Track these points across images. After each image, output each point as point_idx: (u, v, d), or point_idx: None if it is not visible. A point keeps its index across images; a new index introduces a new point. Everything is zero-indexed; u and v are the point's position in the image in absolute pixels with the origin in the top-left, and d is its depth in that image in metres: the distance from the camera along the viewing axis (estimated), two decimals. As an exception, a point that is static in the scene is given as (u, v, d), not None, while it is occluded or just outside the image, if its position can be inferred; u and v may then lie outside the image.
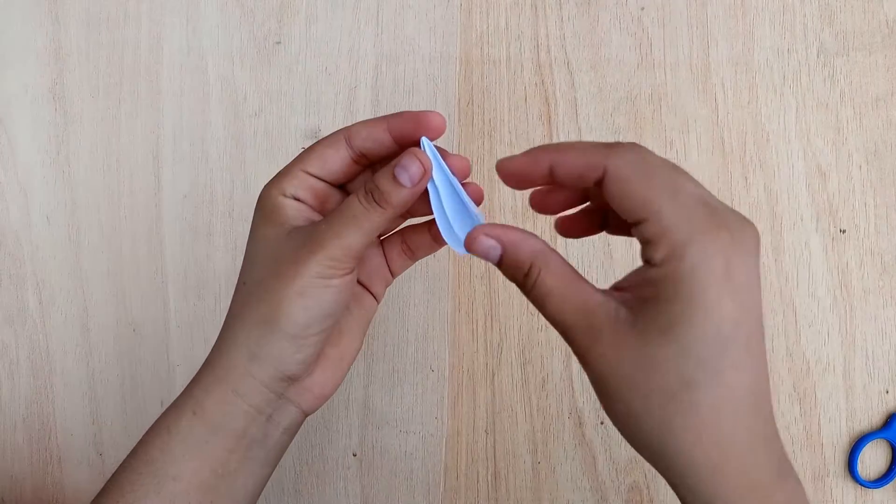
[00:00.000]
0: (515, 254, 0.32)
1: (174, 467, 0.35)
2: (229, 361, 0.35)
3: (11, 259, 0.58)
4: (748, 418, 0.29)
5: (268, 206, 0.36)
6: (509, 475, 0.55)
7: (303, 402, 0.37)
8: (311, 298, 0.34)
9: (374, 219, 0.34)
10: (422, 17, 0.57)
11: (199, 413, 0.35)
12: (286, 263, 0.34)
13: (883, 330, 0.54)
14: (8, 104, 0.58)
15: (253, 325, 0.35)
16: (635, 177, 0.29)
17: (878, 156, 0.55)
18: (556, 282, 0.31)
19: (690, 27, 0.56)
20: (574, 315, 0.31)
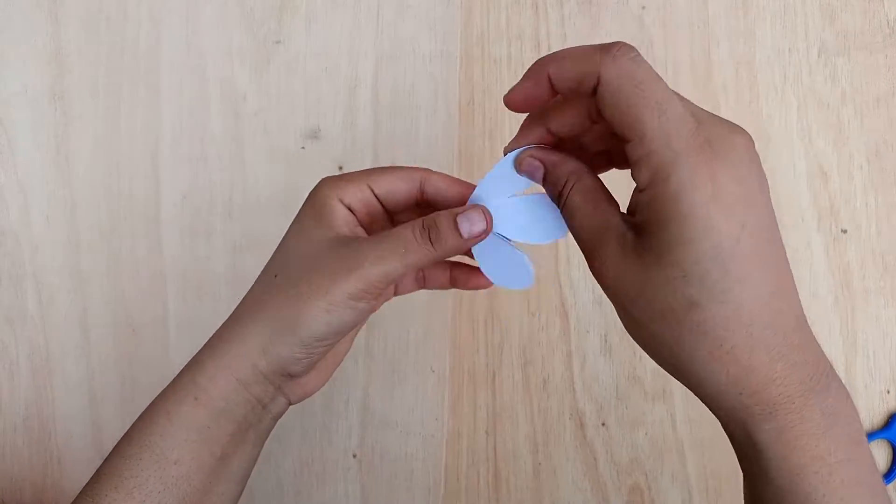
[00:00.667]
0: (554, 171, 0.33)
1: (175, 452, 0.35)
2: (239, 351, 0.35)
3: (11, 259, 0.58)
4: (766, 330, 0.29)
5: (320, 204, 0.36)
6: (510, 476, 0.55)
7: (292, 395, 0.38)
8: (335, 316, 0.34)
9: (420, 255, 0.34)
10: (422, 17, 0.57)
11: (203, 399, 0.35)
12: (322, 274, 0.34)
13: (884, 330, 0.54)
14: (8, 104, 0.58)
15: (271, 323, 0.35)
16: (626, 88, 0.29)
17: (880, 156, 0.55)
18: (582, 200, 0.32)
19: (691, 26, 0.56)
20: (590, 233, 0.32)
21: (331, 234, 0.35)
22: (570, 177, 0.33)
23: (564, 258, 0.55)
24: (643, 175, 0.29)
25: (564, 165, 0.33)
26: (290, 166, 0.57)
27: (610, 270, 0.31)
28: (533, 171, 0.34)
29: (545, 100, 0.33)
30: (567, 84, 0.31)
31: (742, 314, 0.29)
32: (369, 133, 0.57)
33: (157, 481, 0.35)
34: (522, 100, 0.33)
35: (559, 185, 0.33)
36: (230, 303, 0.57)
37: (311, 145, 0.57)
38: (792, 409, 0.29)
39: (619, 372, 0.55)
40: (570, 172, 0.33)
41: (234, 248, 0.57)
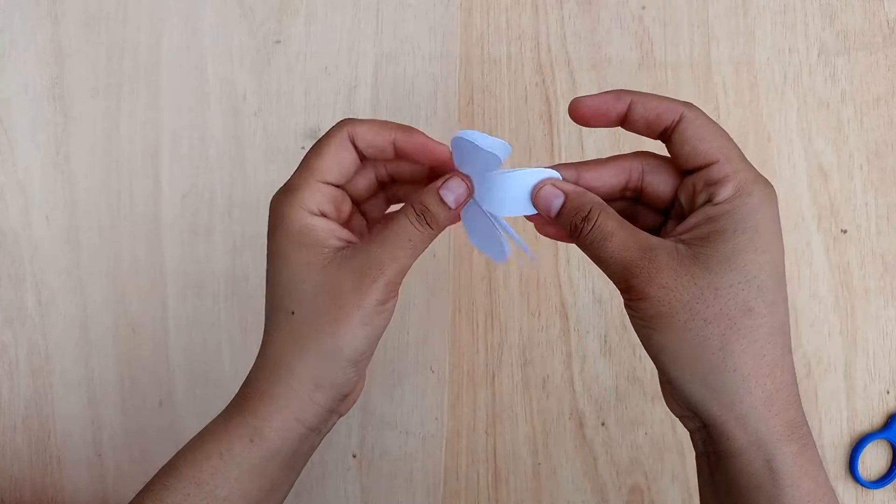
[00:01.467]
0: (578, 199, 0.34)
1: (224, 489, 0.35)
2: (291, 390, 0.35)
3: (11, 259, 0.58)
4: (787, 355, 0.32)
5: (296, 228, 0.35)
6: (510, 476, 0.55)
7: (343, 410, 0.38)
8: (371, 326, 0.35)
9: (425, 239, 0.35)
10: (422, 17, 0.57)
11: (258, 441, 0.35)
12: (346, 293, 0.34)
13: (884, 330, 0.54)
14: (8, 104, 0.58)
15: (315, 357, 0.35)
16: (709, 126, 0.33)
17: (880, 156, 0.55)
18: (617, 223, 0.34)
19: (691, 26, 0.56)
20: (636, 252, 0.33)
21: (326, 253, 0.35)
22: (594, 205, 0.34)
23: (564, 258, 0.55)
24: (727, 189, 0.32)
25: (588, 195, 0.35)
26: (290, 166, 0.56)
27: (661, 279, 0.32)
28: (551, 200, 0.35)
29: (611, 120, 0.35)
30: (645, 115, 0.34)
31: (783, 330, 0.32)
32: (369, 133, 0.57)
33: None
34: (592, 110, 0.35)
35: (583, 212, 0.34)
36: (230, 303, 0.57)
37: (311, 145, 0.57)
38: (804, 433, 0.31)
39: (618, 372, 0.55)
40: (595, 202, 0.34)
41: (234, 248, 0.57)
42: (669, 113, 0.34)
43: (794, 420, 0.31)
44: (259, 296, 0.37)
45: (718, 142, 0.33)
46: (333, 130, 0.36)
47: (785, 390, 0.31)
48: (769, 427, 0.30)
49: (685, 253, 0.32)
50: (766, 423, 0.30)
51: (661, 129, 0.34)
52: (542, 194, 0.35)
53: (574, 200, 0.34)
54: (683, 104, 0.34)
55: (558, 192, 0.34)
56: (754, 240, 0.31)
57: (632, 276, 0.32)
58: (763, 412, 0.31)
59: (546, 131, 0.56)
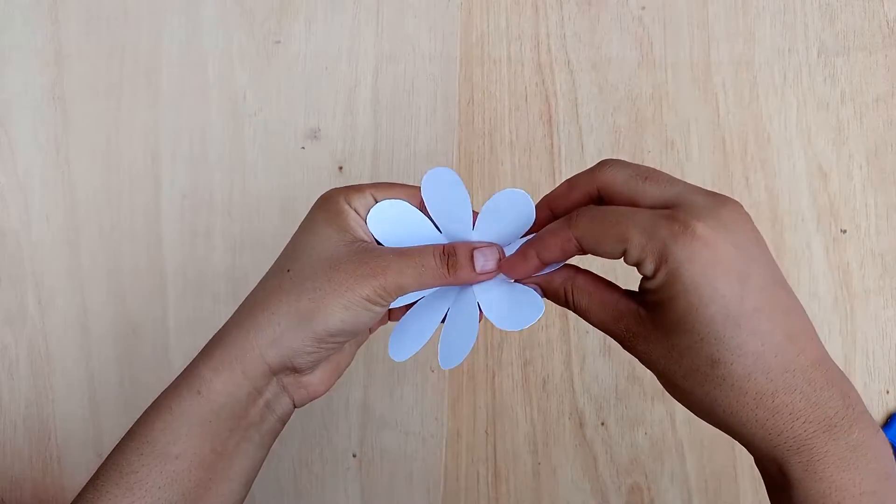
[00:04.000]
0: (550, 288, 0.36)
1: (177, 446, 0.35)
2: (248, 342, 0.36)
3: (11, 259, 0.58)
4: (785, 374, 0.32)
5: (334, 209, 0.37)
6: (510, 476, 0.55)
7: (296, 395, 0.39)
8: (351, 314, 0.35)
9: (435, 278, 0.36)
10: (422, 17, 0.57)
11: (206, 392, 0.36)
12: (344, 273, 0.35)
13: (883, 330, 0.54)
14: (8, 104, 0.58)
15: (287, 315, 0.36)
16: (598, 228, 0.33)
17: (879, 156, 0.55)
18: (587, 300, 0.35)
19: (691, 27, 0.56)
20: (611, 323, 0.35)
21: (348, 236, 0.37)
22: (564, 285, 0.36)
23: (564, 258, 0.55)
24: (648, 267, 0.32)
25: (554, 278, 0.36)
26: (290, 166, 0.57)
27: (639, 345, 0.34)
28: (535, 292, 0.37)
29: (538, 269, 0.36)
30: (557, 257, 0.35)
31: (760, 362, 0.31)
32: (369, 133, 0.57)
33: (157, 476, 0.35)
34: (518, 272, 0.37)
35: (561, 296, 0.36)
36: (230, 303, 0.57)
37: (311, 145, 0.57)
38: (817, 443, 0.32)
39: (618, 372, 0.55)
40: (563, 281, 0.36)
41: (234, 248, 0.57)
42: (568, 247, 0.34)
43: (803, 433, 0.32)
44: (259, 296, 0.37)
45: (614, 233, 0.32)
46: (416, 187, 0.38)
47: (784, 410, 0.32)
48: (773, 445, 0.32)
49: (646, 318, 0.33)
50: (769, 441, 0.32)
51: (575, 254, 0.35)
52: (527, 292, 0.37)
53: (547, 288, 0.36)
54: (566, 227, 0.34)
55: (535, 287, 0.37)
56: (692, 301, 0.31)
57: (619, 341, 0.35)
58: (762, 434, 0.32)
59: (546, 131, 0.56)
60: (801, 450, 0.32)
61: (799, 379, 0.32)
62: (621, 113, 0.56)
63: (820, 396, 0.32)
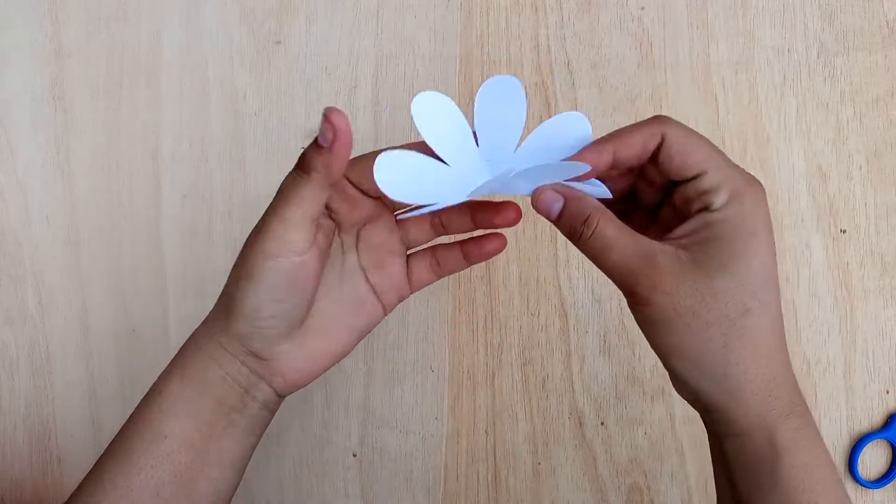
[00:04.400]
0: (578, 205, 0.35)
1: (166, 426, 0.37)
2: (208, 332, 0.38)
3: (11, 259, 0.58)
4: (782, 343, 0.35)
5: None
6: (509, 476, 0.55)
7: (275, 384, 0.39)
8: (256, 282, 0.35)
9: (302, 190, 0.35)
10: (422, 17, 0.57)
11: (185, 376, 0.38)
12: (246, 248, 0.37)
13: (883, 330, 0.54)
14: (8, 104, 0.58)
15: (222, 303, 0.38)
16: (692, 138, 0.34)
17: (879, 156, 0.55)
18: (617, 231, 0.34)
19: (691, 27, 0.56)
20: (639, 260, 0.34)
21: None
22: (594, 211, 0.35)
23: (564, 258, 0.55)
24: (720, 197, 0.33)
25: (588, 200, 0.35)
26: (289, 166, 0.57)
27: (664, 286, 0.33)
28: (550, 205, 0.35)
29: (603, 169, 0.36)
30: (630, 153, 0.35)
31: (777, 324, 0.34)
32: (369, 133, 0.57)
33: (150, 455, 0.37)
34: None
35: (582, 217, 0.34)
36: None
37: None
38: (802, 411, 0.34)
39: (618, 371, 0.55)
40: (595, 207, 0.35)
41: (234, 248, 0.57)
42: (650, 140, 0.35)
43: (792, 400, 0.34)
44: (259, 296, 0.37)
45: (704, 152, 0.34)
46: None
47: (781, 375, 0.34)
48: (770, 408, 0.34)
49: (685, 258, 0.34)
50: (767, 405, 0.34)
51: (649, 155, 0.35)
52: (542, 199, 0.35)
53: (573, 206, 0.35)
54: (657, 123, 0.35)
55: (558, 197, 0.35)
56: (749, 244, 0.33)
57: (636, 284, 0.34)
58: (764, 397, 0.33)
59: (546, 131, 0.56)
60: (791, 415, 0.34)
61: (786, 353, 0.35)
62: (621, 113, 0.56)
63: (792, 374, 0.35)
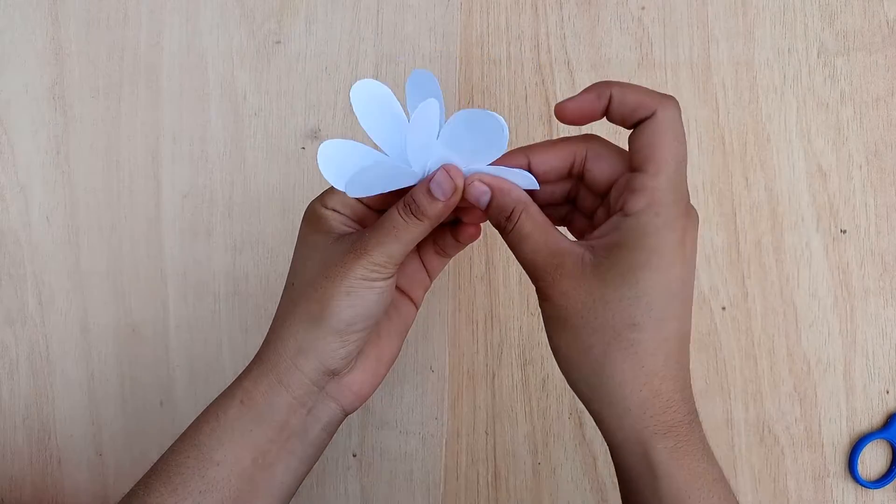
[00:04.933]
0: (502, 198, 0.36)
1: (219, 452, 0.37)
2: (277, 354, 0.37)
3: (11, 259, 0.58)
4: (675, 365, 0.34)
5: (313, 216, 0.38)
6: (509, 476, 0.55)
7: (342, 399, 0.39)
8: (356, 297, 0.36)
9: (411, 230, 0.36)
10: (422, 17, 0.57)
11: (247, 402, 0.37)
12: (334, 266, 0.37)
13: (883, 330, 0.54)
14: (8, 104, 0.58)
15: (301, 321, 0.37)
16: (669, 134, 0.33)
17: (879, 156, 0.55)
18: (533, 227, 0.36)
19: (691, 27, 0.56)
20: (546, 256, 0.35)
21: (332, 236, 0.38)
22: (517, 204, 0.36)
23: (564, 258, 0.55)
24: (638, 202, 0.33)
25: (512, 193, 0.36)
26: (289, 166, 0.57)
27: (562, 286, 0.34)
28: (479, 197, 0.36)
29: (595, 116, 0.36)
30: (622, 109, 0.35)
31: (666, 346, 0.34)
32: (369, 133, 0.57)
33: (199, 480, 0.36)
34: (577, 111, 0.36)
35: (506, 211, 0.36)
36: (230, 302, 0.57)
37: (311, 145, 0.57)
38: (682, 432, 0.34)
39: (618, 372, 0.55)
40: (518, 200, 0.36)
41: (234, 248, 0.57)
42: (643, 109, 0.34)
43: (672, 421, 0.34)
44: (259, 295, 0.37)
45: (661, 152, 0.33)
46: None
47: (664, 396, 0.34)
48: (644, 426, 0.33)
49: (588, 262, 0.34)
50: (642, 422, 0.33)
51: (635, 122, 0.35)
52: (471, 190, 0.36)
53: (498, 199, 0.36)
54: (661, 100, 0.34)
55: (486, 189, 0.36)
56: (651, 260, 0.33)
57: (539, 279, 0.35)
58: (638, 413, 0.33)
59: (546, 132, 0.56)
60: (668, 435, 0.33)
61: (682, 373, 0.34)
62: (621, 113, 0.56)
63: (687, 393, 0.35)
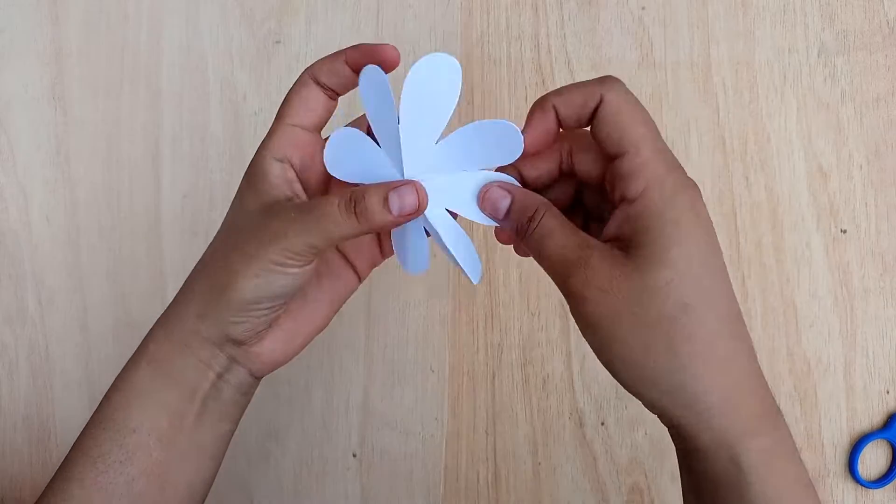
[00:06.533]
0: (524, 200, 0.34)
1: (133, 419, 0.35)
2: (179, 317, 0.36)
3: (11, 259, 0.58)
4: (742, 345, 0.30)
5: (256, 171, 0.36)
6: (510, 476, 0.55)
7: (252, 366, 0.37)
8: (263, 280, 0.34)
9: (345, 230, 0.33)
10: (422, 17, 0.57)
11: (153, 364, 0.36)
12: (250, 241, 0.34)
13: (883, 330, 0.54)
14: (8, 104, 0.58)
15: (205, 288, 0.35)
16: (626, 109, 0.31)
17: (879, 156, 0.55)
18: (558, 222, 0.33)
19: (691, 27, 0.56)
20: (574, 251, 0.32)
21: (263, 199, 0.35)
22: (540, 206, 0.33)
23: (564, 258, 0.55)
24: (638, 184, 0.30)
25: (534, 196, 0.34)
26: (289, 166, 0.57)
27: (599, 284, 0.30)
28: (498, 202, 0.34)
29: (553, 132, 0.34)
30: (572, 110, 0.33)
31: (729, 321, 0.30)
32: (369, 133, 0.57)
33: (118, 450, 0.35)
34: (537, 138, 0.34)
35: (529, 212, 0.33)
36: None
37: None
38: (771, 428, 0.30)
39: (618, 372, 0.55)
40: (541, 202, 0.34)
41: (234, 248, 0.57)
42: (590, 99, 0.32)
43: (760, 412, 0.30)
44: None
45: (630, 129, 0.31)
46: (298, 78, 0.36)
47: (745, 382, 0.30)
48: (731, 423, 0.29)
49: (619, 255, 0.31)
50: (728, 418, 0.29)
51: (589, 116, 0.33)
52: (489, 196, 0.34)
53: (520, 201, 0.34)
54: (601, 83, 0.32)
55: (505, 194, 0.34)
56: (675, 233, 0.30)
57: (569, 276, 0.31)
58: (723, 408, 0.29)
59: (546, 131, 0.56)
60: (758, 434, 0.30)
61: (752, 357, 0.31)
62: (621, 113, 0.56)
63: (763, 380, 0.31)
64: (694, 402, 0.29)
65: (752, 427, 0.29)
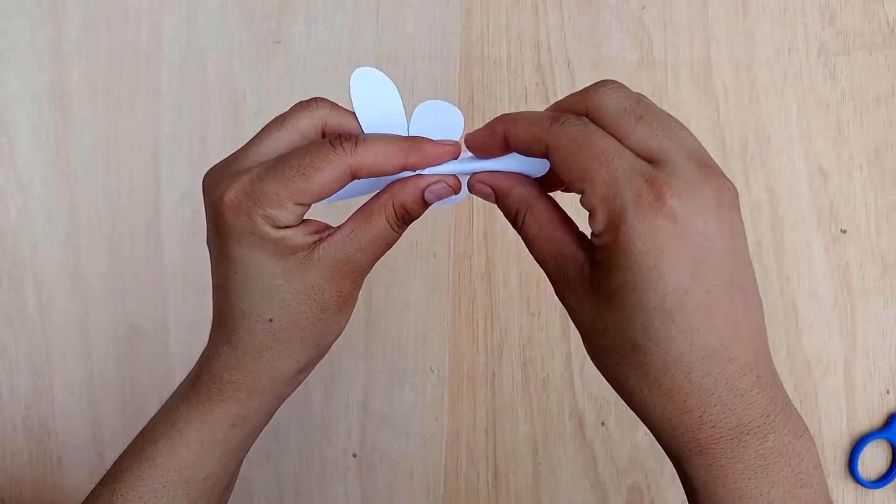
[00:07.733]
0: (504, 200, 0.33)
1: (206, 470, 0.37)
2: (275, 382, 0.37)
3: (11, 259, 0.58)
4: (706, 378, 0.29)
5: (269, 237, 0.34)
6: (510, 476, 0.55)
7: None
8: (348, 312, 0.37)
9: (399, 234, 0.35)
10: (422, 17, 0.57)
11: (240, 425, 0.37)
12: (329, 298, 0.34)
13: (883, 330, 0.54)
14: (8, 104, 0.58)
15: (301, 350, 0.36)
16: (573, 149, 0.29)
17: (879, 156, 0.55)
18: (538, 229, 0.32)
19: (691, 27, 0.56)
20: (552, 266, 0.32)
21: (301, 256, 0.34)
22: (520, 205, 0.33)
23: (564, 258, 0.55)
24: (598, 223, 0.29)
25: (512, 193, 0.33)
26: (289, 166, 0.57)
27: (569, 301, 0.32)
28: (485, 197, 0.34)
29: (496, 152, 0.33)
30: (519, 145, 0.32)
31: (682, 361, 0.29)
32: (369, 133, 0.57)
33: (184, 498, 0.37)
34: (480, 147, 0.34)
35: (511, 214, 0.33)
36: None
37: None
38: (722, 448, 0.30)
39: (618, 372, 0.55)
40: (520, 200, 0.33)
41: (234, 248, 0.57)
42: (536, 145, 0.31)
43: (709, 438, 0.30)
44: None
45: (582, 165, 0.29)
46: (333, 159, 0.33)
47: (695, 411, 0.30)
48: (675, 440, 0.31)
49: (587, 277, 0.31)
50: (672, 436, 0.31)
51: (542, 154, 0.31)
52: (476, 189, 0.34)
53: (502, 201, 0.34)
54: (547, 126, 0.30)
55: (489, 191, 0.34)
56: (628, 280, 0.28)
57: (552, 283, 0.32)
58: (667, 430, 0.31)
59: (546, 131, 0.56)
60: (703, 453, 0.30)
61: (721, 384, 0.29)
62: (621, 113, 0.56)
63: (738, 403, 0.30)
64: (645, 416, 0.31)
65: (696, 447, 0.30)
